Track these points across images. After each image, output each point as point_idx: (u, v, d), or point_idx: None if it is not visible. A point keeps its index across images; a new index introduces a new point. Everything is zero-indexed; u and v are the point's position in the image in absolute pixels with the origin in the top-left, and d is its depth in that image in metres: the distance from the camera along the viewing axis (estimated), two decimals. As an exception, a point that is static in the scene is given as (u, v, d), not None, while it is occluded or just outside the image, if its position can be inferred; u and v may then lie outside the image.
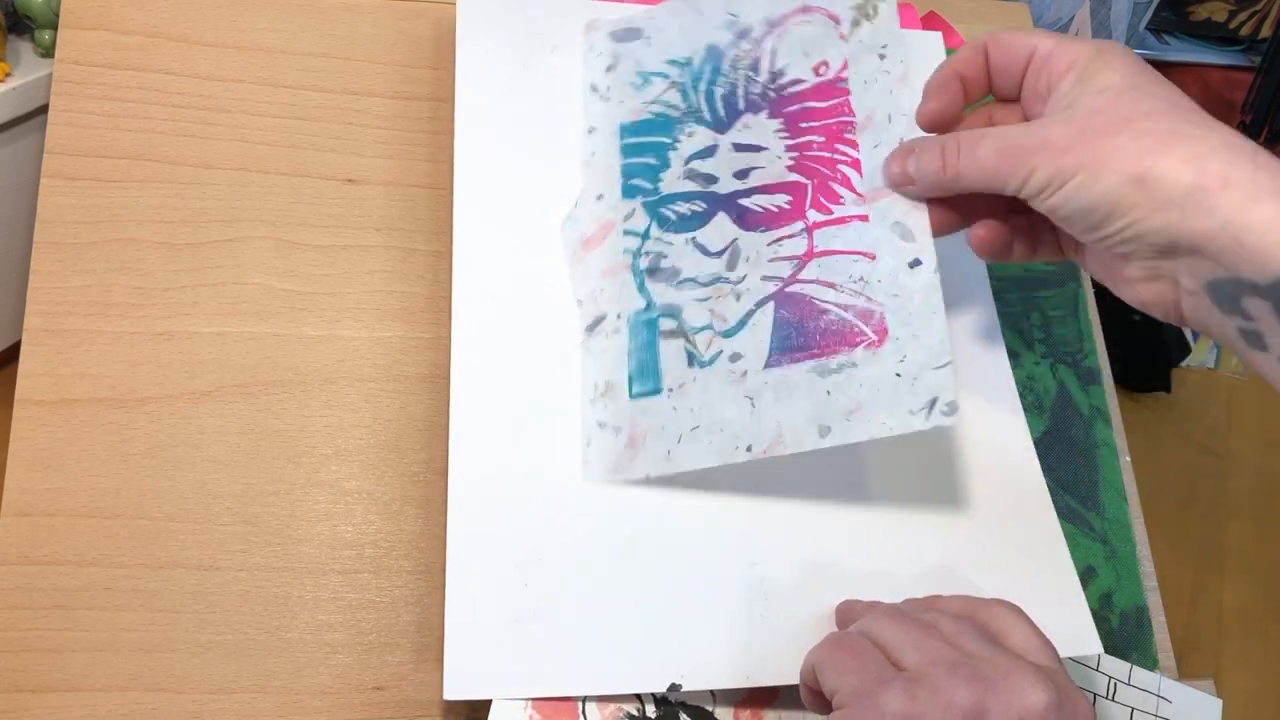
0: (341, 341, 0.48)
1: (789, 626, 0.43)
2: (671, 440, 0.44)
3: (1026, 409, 0.53)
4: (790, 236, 0.46)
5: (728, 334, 0.45)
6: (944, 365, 0.42)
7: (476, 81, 0.50)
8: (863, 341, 0.44)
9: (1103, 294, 0.58)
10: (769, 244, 0.46)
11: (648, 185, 0.47)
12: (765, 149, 0.48)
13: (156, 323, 0.47)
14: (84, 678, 0.42)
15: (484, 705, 0.41)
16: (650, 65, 0.50)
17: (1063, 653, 0.40)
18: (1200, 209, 0.35)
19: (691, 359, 0.45)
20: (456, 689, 0.41)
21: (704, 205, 0.47)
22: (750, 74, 0.49)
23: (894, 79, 0.48)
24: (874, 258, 0.45)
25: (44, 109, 0.50)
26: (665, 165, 0.48)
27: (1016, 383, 0.55)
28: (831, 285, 0.45)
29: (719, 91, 0.49)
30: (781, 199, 0.47)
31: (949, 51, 0.57)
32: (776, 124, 0.48)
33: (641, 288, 0.46)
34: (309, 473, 0.46)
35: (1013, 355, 0.56)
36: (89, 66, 0.49)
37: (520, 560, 0.43)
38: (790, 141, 0.48)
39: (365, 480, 0.46)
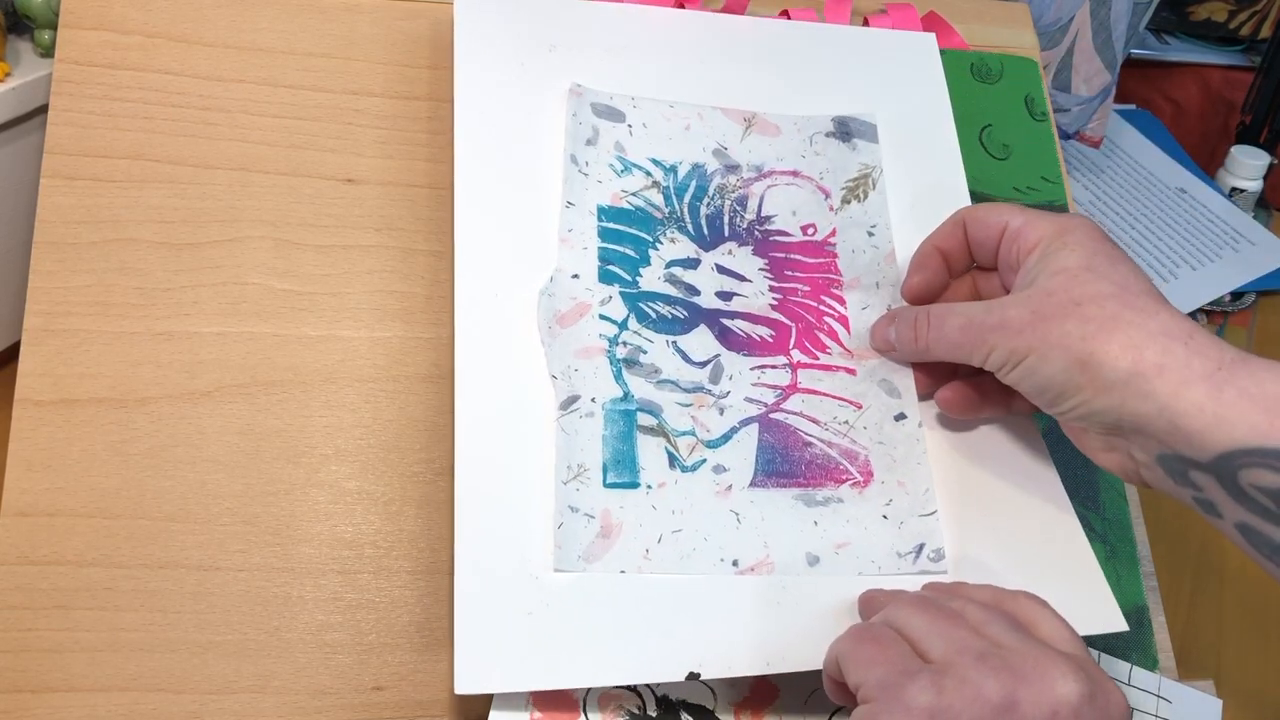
0: (341, 341, 0.48)
1: (809, 614, 0.43)
2: (650, 539, 0.43)
3: (1026, 409, 0.53)
4: (774, 367, 0.48)
5: (712, 444, 0.46)
6: (930, 514, 0.45)
7: (475, 81, 0.50)
8: (848, 480, 0.46)
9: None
10: (752, 368, 0.47)
11: (626, 276, 0.48)
12: (749, 281, 0.49)
13: (156, 323, 0.47)
14: (84, 678, 0.42)
15: (485, 705, 0.41)
16: (632, 155, 0.50)
17: (1088, 631, 0.41)
18: (1138, 393, 0.38)
19: (673, 460, 0.45)
20: (467, 683, 0.40)
21: (685, 313, 0.48)
22: (737, 207, 0.50)
23: (881, 254, 0.51)
24: (860, 406, 0.47)
25: (44, 109, 0.50)
26: (645, 261, 0.48)
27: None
28: (815, 421, 0.47)
29: (703, 210, 0.50)
30: (764, 331, 0.48)
31: (944, 53, 0.57)
32: (761, 262, 0.50)
33: (619, 377, 0.46)
34: (309, 473, 0.46)
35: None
36: (89, 66, 0.49)
37: (530, 553, 0.42)
38: (774, 283, 0.49)
39: (365, 480, 0.46)
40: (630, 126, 0.51)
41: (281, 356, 0.47)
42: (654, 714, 0.43)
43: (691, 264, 0.49)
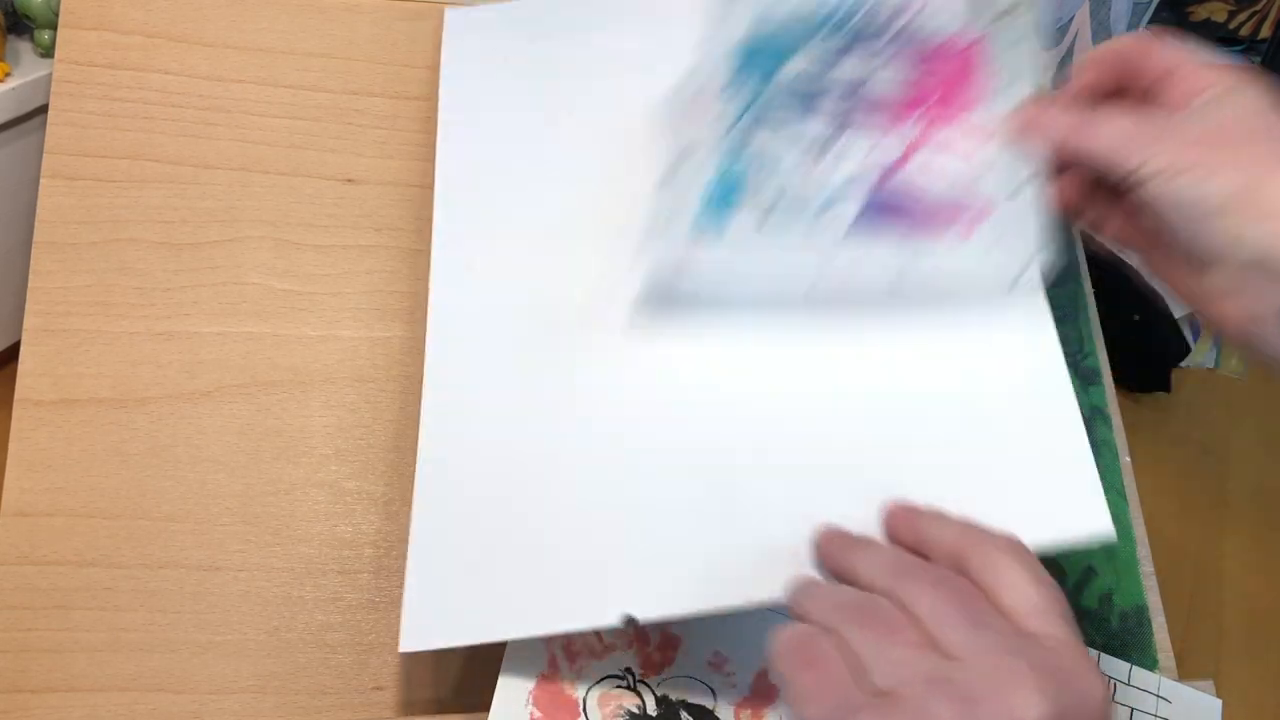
0: (341, 341, 0.48)
1: (755, 545, 0.40)
2: (734, 289, 0.44)
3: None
4: (889, 145, 0.46)
5: (807, 211, 0.45)
6: (1035, 251, 0.44)
7: (459, 79, 0.50)
8: (951, 231, 0.44)
9: (1103, 294, 0.58)
10: (865, 146, 0.46)
11: (757, 80, 0.47)
12: (882, 70, 0.48)
13: (156, 323, 0.47)
14: (84, 678, 0.42)
15: (484, 704, 0.41)
16: (767, 7, 0.50)
17: (1068, 538, 0.38)
18: None
19: (762, 224, 0.45)
20: (412, 641, 0.39)
21: (805, 107, 0.47)
22: (880, 21, 0.49)
23: (1025, 60, 0.48)
24: (976, 178, 0.45)
25: (44, 109, 0.50)
26: (774, 71, 0.48)
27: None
28: (926, 188, 0.45)
29: (852, 28, 0.49)
30: (885, 116, 0.47)
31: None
32: (895, 61, 0.48)
33: (729, 150, 0.46)
34: (309, 473, 0.46)
35: (1013, 355, 0.57)
36: (89, 66, 0.49)
37: (484, 509, 0.42)
38: (907, 72, 0.48)
39: (365, 480, 0.46)
40: None
41: (281, 356, 0.47)
42: (654, 714, 0.43)
43: (822, 72, 0.48)
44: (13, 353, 0.47)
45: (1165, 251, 0.42)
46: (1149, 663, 0.50)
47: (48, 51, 0.56)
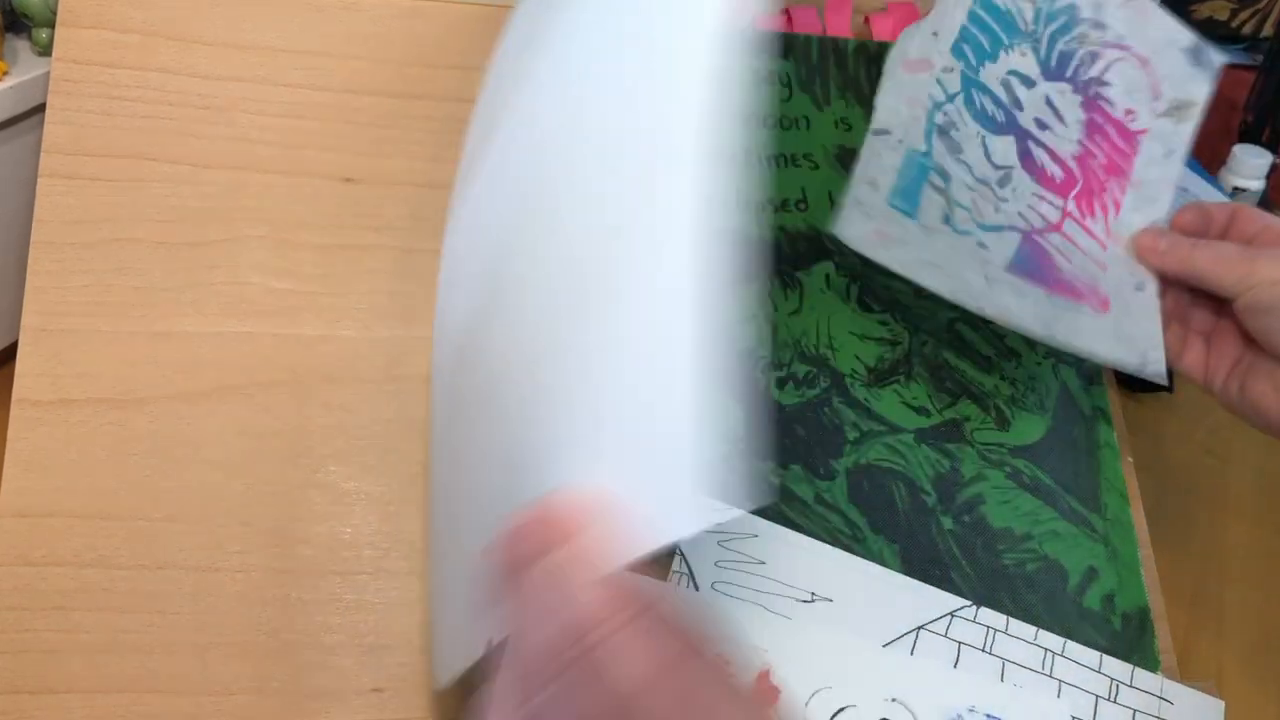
0: (341, 341, 0.48)
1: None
2: (919, 257, 0.50)
3: (1028, 409, 0.53)
4: (1050, 203, 0.51)
5: (982, 227, 0.50)
6: (1158, 348, 0.49)
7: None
8: (1090, 304, 0.50)
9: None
10: (1033, 193, 0.51)
11: (972, 60, 0.51)
12: (1065, 125, 0.51)
13: (155, 323, 0.47)
14: (82, 679, 0.42)
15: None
16: None
17: (654, 542, 0.27)
18: None
19: (947, 219, 0.50)
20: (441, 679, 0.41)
21: (1004, 118, 0.51)
22: (1087, 58, 0.52)
23: (1167, 178, 0.52)
24: (1105, 269, 0.50)
25: (41, 108, 0.50)
26: (993, 58, 0.51)
27: (1018, 383, 0.55)
28: (1068, 258, 0.50)
29: (1060, 45, 0.52)
30: (1057, 170, 0.51)
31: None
32: (1081, 115, 0.52)
33: (928, 135, 0.51)
34: (308, 473, 0.46)
35: (1014, 355, 0.56)
36: (87, 65, 0.49)
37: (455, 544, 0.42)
38: (1083, 139, 0.52)
39: (364, 481, 0.46)
40: None
41: (280, 356, 0.47)
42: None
43: (1028, 83, 0.51)
44: (10, 352, 0.47)
45: (1251, 364, 0.47)
46: (1151, 664, 0.50)
47: (45, 50, 0.56)
